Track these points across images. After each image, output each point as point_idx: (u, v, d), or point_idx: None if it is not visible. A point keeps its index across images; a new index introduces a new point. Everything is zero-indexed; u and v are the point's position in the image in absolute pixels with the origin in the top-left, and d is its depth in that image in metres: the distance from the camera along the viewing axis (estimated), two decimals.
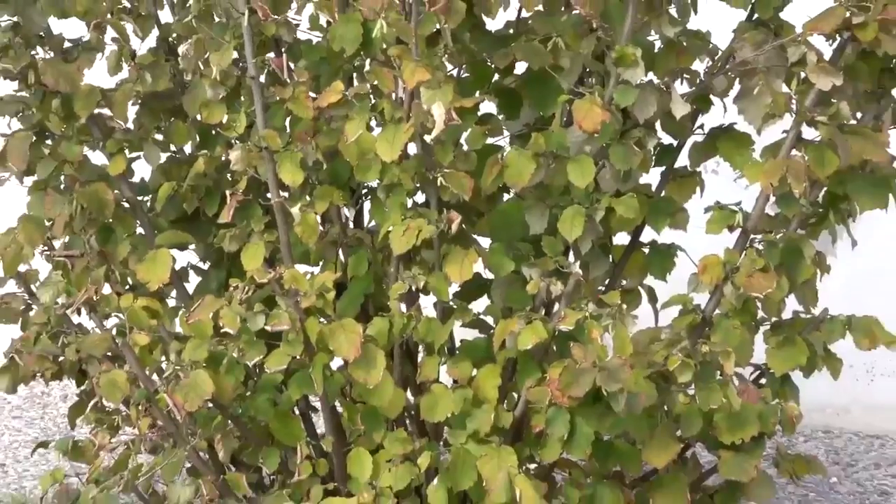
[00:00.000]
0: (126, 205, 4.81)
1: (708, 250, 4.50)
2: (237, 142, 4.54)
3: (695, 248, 4.59)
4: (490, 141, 4.69)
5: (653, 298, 4.76)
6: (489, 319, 4.70)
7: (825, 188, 4.46)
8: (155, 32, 4.88)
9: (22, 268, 4.74)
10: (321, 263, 4.67)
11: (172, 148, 4.92)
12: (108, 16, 4.82)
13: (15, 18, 4.62)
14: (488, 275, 4.69)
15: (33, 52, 4.65)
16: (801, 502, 5.71)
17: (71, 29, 4.84)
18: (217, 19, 4.55)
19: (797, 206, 4.44)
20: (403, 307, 4.54)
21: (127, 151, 4.79)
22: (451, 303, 4.64)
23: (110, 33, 4.82)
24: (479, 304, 4.77)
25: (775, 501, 5.45)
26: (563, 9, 4.51)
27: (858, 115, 4.43)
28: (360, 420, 4.61)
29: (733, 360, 4.36)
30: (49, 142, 4.70)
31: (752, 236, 4.51)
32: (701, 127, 4.76)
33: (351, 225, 4.85)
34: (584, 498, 4.41)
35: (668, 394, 4.36)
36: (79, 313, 4.70)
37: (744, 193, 4.60)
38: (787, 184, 4.34)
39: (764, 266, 4.41)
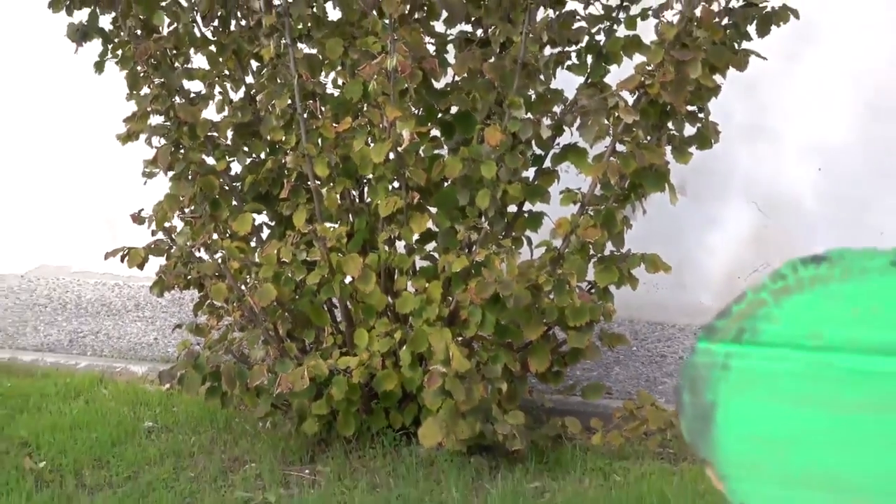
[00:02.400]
0: (226, 188, 4.78)
1: (561, 214, 4.51)
2: (291, 151, 4.50)
3: (554, 214, 4.59)
4: (436, 151, 4.67)
5: (529, 243, 4.74)
6: (436, 255, 4.68)
7: (629, 179, 4.45)
8: (243, 88, 4.85)
9: (166, 224, 4.72)
10: (339, 222, 4.63)
11: (253, 155, 4.88)
12: (216, 78, 4.81)
13: (162, 80, 4.59)
14: (435, 229, 4.67)
15: (173, 99, 4.62)
16: (615, 361, 5.73)
17: (195, 86, 4.82)
18: (279, 80, 4.52)
19: (613, 190, 4.44)
20: (386, 247, 4.54)
21: (226, 157, 4.78)
22: (413, 245, 4.63)
23: (217, 89, 4.83)
24: (430, 246, 4.76)
25: (601, 361, 5.45)
26: (478, 75, 4.47)
27: (648, 137, 4.42)
28: (361, 312, 4.62)
29: (575, 278, 4.38)
30: (181, 151, 4.66)
31: (587, 207, 4.50)
32: (558, 144, 4.73)
33: (356, 200, 4.81)
34: (490, 357, 4.40)
35: (538, 297, 4.36)
36: (199, 250, 4.69)
37: (582, 182, 4.60)
38: (607, 177, 4.35)
39: (593, 224, 4.41)
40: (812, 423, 1.15)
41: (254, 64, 4.82)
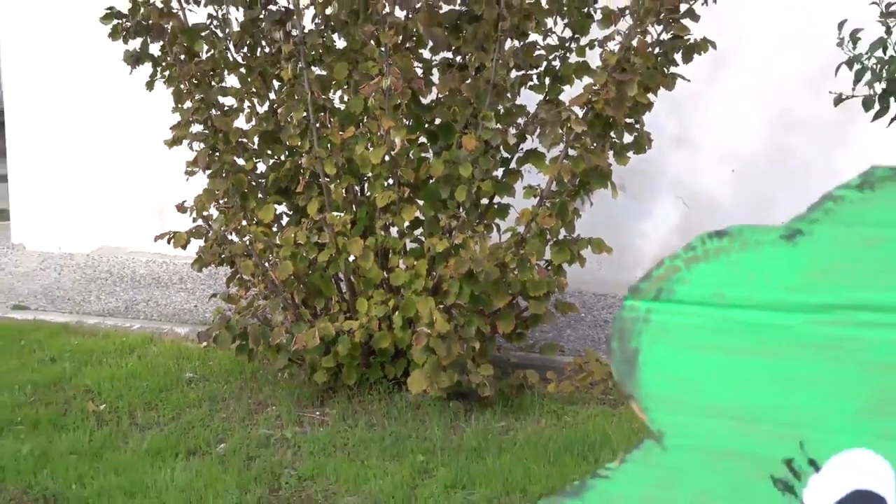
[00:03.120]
0: (253, 184, 4.74)
1: (524, 206, 4.51)
2: (305, 154, 4.49)
3: (518, 206, 4.59)
4: (423, 154, 4.63)
5: (498, 229, 4.73)
6: (422, 238, 4.65)
7: (578, 178, 4.44)
8: (267, 103, 4.82)
9: (205, 213, 4.70)
10: (344, 211, 4.61)
11: (275, 157, 4.85)
12: (245, 95, 4.79)
13: (201, 96, 4.57)
14: (422, 217, 4.66)
15: (210, 112, 4.60)
16: (567, 325, 5.76)
17: (228, 101, 4.79)
18: (296, 97, 4.51)
19: (565, 186, 4.44)
20: (383, 232, 4.53)
21: (253, 158, 4.74)
22: (404, 230, 4.61)
23: (246, 103, 4.81)
24: (418, 231, 4.74)
25: (555, 325, 5.46)
26: (457, 94, 4.45)
27: (594, 144, 4.41)
28: (361, 284, 4.60)
29: (535, 258, 4.39)
30: (217, 154, 4.64)
31: (545, 200, 4.50)
32: (521, 149, 4.72)
33: (358, 193, 4.79)
34: (466, 321, 4.39)
35: (505, 273, 4.35)
36: (231, 234, 4.67)
37: (541, 180, 4.60)
38: (561, 176, 4.35)
39: (550, 214, 4.41)
40: (716, 365, 1.17)
41: (276, 83, 4.79)
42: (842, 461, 1.11)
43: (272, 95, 4.83)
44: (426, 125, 4.72)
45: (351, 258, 4.51)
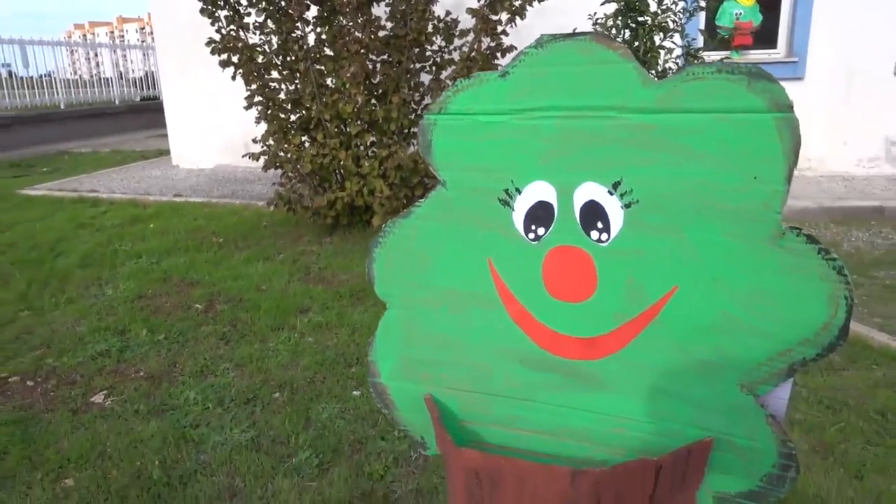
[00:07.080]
0: (289, 126, 4.46)
1: None
2: (315, 109, 4.26)
3: None
4: (373, 108, 4.39)
5: (413, 145, 4.58)
6: (376, 150, 4.42)
7: None
8: (294, 84, 4.52)
9: (267, 142, 4.46)
10: (336, 138, 4.38)
11: (299, 112, 4.56)
12: (282, 80, 4.48)
13: (259, 82, 4.29)
14: (374, 140, 4.44)
15: (265, 89, 4.31)
16: None
17: (274, 83, 4.49)
18: (307, 80, 4.25)
19: None
20: (356, 147, 4.34)
21: (288, 113, 4.46)
22: (367, 145, 4.40)
23: (283, 85, 4.50)
24: (374, 147, 4.54)
25: None
26: (390, 76, 4.22)
27: None
28: (346, 174, 4.40)
29: None
30: (269, 111, 4.37)
31: None
32: (422, 104, 4.49)
33: (343, 128, 4.55)
34: (398, 190, 4.25)
35: (417, 165, 4.20)
36: (280, 152, 4.45)
37: None
38: None
39: None
40: (466, 145, 1.11)
41: (297, 73, 4.48)
42: (531, 187, 1.08)
43: (297, 80, 4.55)
44: (374, 92, 4.48)
45: (341, 162, 4.35)
